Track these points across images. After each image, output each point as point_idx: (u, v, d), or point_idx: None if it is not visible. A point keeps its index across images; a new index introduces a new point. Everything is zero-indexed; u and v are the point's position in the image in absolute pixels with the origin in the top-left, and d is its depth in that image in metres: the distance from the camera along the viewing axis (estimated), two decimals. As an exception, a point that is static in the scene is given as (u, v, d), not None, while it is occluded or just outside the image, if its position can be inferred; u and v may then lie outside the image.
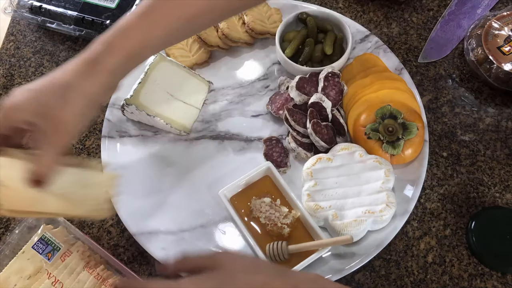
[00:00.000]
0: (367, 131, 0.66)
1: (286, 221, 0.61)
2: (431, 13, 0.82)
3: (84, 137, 0.74)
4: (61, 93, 0.48)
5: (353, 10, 0.83)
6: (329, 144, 0.67)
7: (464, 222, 0.65)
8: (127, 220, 0.65)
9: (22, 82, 0.80)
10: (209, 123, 0.74)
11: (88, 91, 0.50)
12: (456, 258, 0.63)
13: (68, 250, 0.61)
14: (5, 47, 0.84)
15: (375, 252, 0.62)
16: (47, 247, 0.61)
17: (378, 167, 0.63)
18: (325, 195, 0.63)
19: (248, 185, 0.66)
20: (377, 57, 0.75)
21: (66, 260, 0.60)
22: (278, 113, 0.71)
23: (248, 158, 0.70)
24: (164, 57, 0.73)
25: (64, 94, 0.48)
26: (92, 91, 0.50)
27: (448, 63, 0.77)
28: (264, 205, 0.62)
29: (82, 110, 0.50)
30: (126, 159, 0.71)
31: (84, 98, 0.50)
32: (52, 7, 0.81)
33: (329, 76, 0.70)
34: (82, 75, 0.50)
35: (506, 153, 0.69)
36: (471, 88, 0.75)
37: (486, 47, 0.71)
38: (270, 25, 0.78)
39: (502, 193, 0.67)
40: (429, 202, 0.67)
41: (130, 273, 0.61)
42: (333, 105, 0.69)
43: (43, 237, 0.61)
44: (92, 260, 0.61)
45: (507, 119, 0.72)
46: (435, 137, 0.71)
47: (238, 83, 0.76)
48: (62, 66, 0.51)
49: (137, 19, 0.53)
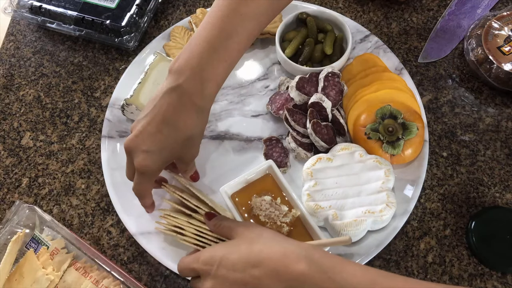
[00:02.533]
0: (367, 131, 0.66)
1: (285, 220, 0.61)
2: (431, 13, 0.82)
3: (84, 137, 0.75)
4: (186, 144, 0.55)
5: (353, 10, 0.83)
6: (329, 144, 0.67)
7: (464, 222, 0.65)
8: (127, 220, 0.66)
9: (22, 82, 0.80)
10: (209, 123, 0.73)
11: (204, 125, 0.57)
12: (456, 258, 0.63)
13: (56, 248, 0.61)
14: (5, 47, 0.84)
15: (375, 252, 0.62)
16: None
17: (378, 167, 0.63)
18: (325, 195, 0.63)
19: (249, 183, 0.66)
20: (377, 57, 0.75)
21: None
22: (278, 113, 0.71)
23: (248, 158, 0.70)
24: (164, 57, 0.73)
25: (188, 144, 0.56)
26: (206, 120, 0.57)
27: (448, 63, 0.77)
28: (265, 203, 0.62)
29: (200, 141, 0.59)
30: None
31: (202, 133, 0.58)
32: (52, 7, 0.81)
33: (329, 76, 0.70)
34: (198, 123, 0.55)
35: (506, 153, 0.69)
36: (471, 88, 0.75)
37: (486, 47, 0.71)
38: (270, 25, 0.78)
39: (502, 193, 0.67)
40: (429, 202, 0.67)
41: (108, 263, 0.61)
42: (333, 105, 0.69)
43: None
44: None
45: (507, 119, 0.72)
46: (435, 137, 0.71)
47: (238, 83, 0.76)
48: (164, 98, 0.53)
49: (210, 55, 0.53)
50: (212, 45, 0.52)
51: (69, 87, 0.79)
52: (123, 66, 0.80)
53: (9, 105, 0.79)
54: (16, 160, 0.74)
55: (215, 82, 0.53)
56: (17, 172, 0.73)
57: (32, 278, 0.58)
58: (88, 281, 0.59)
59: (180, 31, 0.79)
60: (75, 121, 0.76)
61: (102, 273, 0.60)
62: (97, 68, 0.81)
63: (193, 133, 0.55)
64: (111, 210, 0.68)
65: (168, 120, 0.52)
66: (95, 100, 0.78)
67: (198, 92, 0.52)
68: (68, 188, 0.71)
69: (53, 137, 0.75)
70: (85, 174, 0.72)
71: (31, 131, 0.76)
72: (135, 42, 0.79)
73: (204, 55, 0.52)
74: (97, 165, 0.72)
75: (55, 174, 0.72)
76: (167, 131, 0.53)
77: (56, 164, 0.73)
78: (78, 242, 0.62)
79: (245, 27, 0.53)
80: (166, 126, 0.53)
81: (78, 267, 0.60)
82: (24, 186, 0.72)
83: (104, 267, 0.61)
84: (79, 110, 0.77)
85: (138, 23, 0.80)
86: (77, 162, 0.73)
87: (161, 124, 0.53)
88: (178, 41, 0.79)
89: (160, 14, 0.85)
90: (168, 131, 0.53)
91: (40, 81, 0.80)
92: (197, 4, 0.86)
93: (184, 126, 0.53)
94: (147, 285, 0.63)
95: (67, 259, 0.61)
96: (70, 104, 0.78)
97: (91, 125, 0.76)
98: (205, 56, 0.52)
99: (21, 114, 0.78)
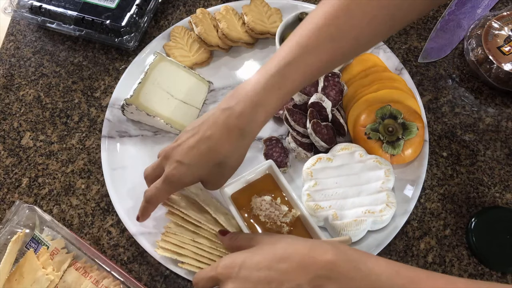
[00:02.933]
0: (367, 131, 0.66)
1: (285, 220, 0.61)
2: (431, 13, 0.82)
3: (84, 137, 0.75)
4: (216, 168, 0.54)
5: (353, 10, 0.83)
6: (329, 144, 0.67)
7: (464, 222, 0.65)
8: (127, 220, 0.66)
9: (22, 82, 0.80)
10: (209, 123, 0.74)
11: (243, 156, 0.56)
12: (456, 258, 0.63)
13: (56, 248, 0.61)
14: (5, 47, 0.84)
15: (375, 252, 0.62)
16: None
17: (378, 167, 0.63)
18: (325, 195, 0.63)
19: (249, 183, 0.66)
20: (377, 57, 0.74)
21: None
22: (278, 113, 0.71)
23: (248, 158, 0.70)
24: (164, 57, 0.73)
25: (218, 170, 0.55)
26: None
27: (448, 63, 0.77)
28: (265, 203, 0.62)
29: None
30: (126, 159, 0.71)
31: (236, 165, 0.56)
32: (52, 7, 0.81)
33: (329, 76, 0.70)
34: (236, 150, 0.54)
35: (506, 153, 0.69)
36: (471, 88, 0.75)
37: (486, 47, 0.71)
38: (270, 25, 0.78)
39: (502, 193, 0.67)
40: (429, 202, 0.67)
41: (107, 262, 0.61)
42: (333, 105, 0.69)
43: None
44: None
45: (507, 119, 0.72)
46: (435, 137, 0.71)
47: (238, 83, 0.76)
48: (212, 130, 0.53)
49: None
50: (268, 71, 0.52)
51: (69, 87, 0.79)
52: (123, 66, 0.80)
53: (9, 105, 0.79)
54: (16, 160, 0.74)
55: (265, 110, 0.52)
56: (17, 172, 0.73)
57: (32, 278, 0.58)
58: (88, 281, 0.59)
59: (180, 31, 0.79)
60: (75, 121, 0.76)
61: (102, 273, 0.60)
62: (97, 68, 0.81)
63: (227, 159, 0.53)
64: (111, 210, 0.68)
65: (208, 138, 0.52)
66: (95, 100, 0.78)
67: (246, 115, 0.51)
68: (68, 188, 0.71)
69: (53, 137, 0.75)
70: (85, 174, 0.72)
71: (31, 131, 0.76)
72: (135, 42, 0.79)
73: (261, 80, 0.52)
74: (97, 165, 0.72)
75: (55, 174, 0.72)
76: (203, 149, 0.52)
77: (56, 164, 0.73)
78: (78, 242, 0.62)
79: (305, 59, 0.51)
80: (204, 144, 0.52)
81: (78, 267, 0.60)
82: (24, 186, 0.72)
83: (104, 267, 0.61)
84: (79, 110, 0.77)
85: (138, 23, 0.80)
86: (77, 162, 0.73)
87: (201, 140, 0.53)
88: (178, 41, 0.79)
89: (160, 14, 0.85)
90: (204, 149, 0.52)
91: (40, 81, 0.80)
92: (197, 4, 0.86)
93: (220, 148, 0.52)
94: (147, 285, 0.63)
95: (67, 259, 0.61)
96: (70, 104, 0.78)
97: (91, 125, 0.76)
98: (261, 81, 0.51)
99: (21, 114, 0.78)
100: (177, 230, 0.60)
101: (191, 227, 0.60)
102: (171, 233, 0.60)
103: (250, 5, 0.79)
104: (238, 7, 0.80)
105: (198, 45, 0.78)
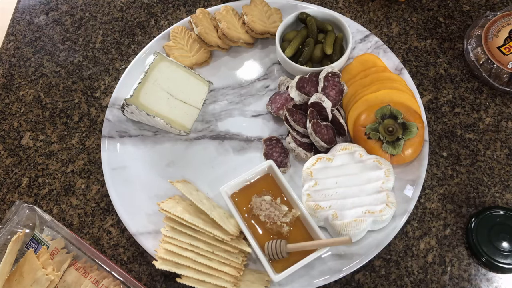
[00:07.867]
0: (367, 131, 0.66)
1: (285, 220, 0.61)
2: (431, 13, 0.82)
3: (84, 137, 0.75)
4: None
5: (353, 10, 0.83)
6: (329, 144, 0.67)
7: (464, 222, 0.65)
8: (127, 220, 0.66)
9: (22, 82, 0.80)
10: (209, 123, 0.74)
11: None
12: (456, 258, 0.63)
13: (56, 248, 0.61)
14: (5, 47, 0.84)
15: (375, 252, 0.62)
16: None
17: (378, 167, 0.63)
18: (325, 195, 0.63)
19: (250, 183, 0.66)
20: (377, 57, 0.74)
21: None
22: (278, 113, 0.71)
23: (248, 158, 0.70)
24: (164, 57, 0.73)
25: None
26: None
27: (448, 63, 0.77)
28: (265, 203, 0.62)
29: None
30: (126, 159, 0.71)
31: None
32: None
33: (329, 76, 0.70)
34: None
35: (506, 153, 0.69)
36: (471, 88, 0.75)
37: (486, 47, 0.71)
38: (270, 25, 0.78)
39: (502, 193, 0.67)
40: (429, 202, 0.67)
41: (108, 262, 0.61)
42: (333, 105, 0.69)
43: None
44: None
45: (507, 119, 0.72)
46: (435, 137, 0.71)
47: (238, 83, 0.76)
48: None
49: None
50: None
51: (69, 87, 0.79)
52: (123, 66, 0.80)
53: (9, 105, 0.79)
54: (16, 160, 0.74)
55: None
56: (17, 172, 0.73)
57: (32, 278, 0.58)
58: (88, 281, 0.59)
59: (180, 31, 0.79)
60: (75, 121, 0.76)
61: (102, 273, 0.60)
62: (97, 68, 0.81)
63: None
64: (111, 210, 0.68)
65: None
66: (95, 100, 0.78)
67: None
68: (68, 188, 0.71)
69: (53, 137, 0.75)
70: (85, 174, 0.72)
71: (31, 131, 0.76)
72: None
73: None
74: (97, 165, 0.72)
75: (55, 174, 0.72)
76: None
77: (56, 164, 0.73)
78: (78, 242, 0.62)
79: None
80: None
81: (78, 267, 0.60)
82: (24, 186, 0.72)
83: (104, 267, 0.61)
84: (79, 110, 0.77)
85: None
86: (77, 162, 0.73)
87: None
88: (178, 41, 0.79)
89: (160, 14, 0.85)
90: None
91: (40, 81, 0.80)
92: (197, 4, 0.86)
93: None
94: (147, 285, 0.63)
95: (67, 259, 0.61)
96: (70, 104, 0.78)
97: (91, 125, 0.76)
98: None
99: (21, 114, 0.78)
100: (174, 235, 0.60)
101: (188, 231, 0.60)
102: (168, 236, 0.60)
103: (250, 5, 0.79)
104: (238, 7, 0.80)
105: (198, 45, 0.78)
